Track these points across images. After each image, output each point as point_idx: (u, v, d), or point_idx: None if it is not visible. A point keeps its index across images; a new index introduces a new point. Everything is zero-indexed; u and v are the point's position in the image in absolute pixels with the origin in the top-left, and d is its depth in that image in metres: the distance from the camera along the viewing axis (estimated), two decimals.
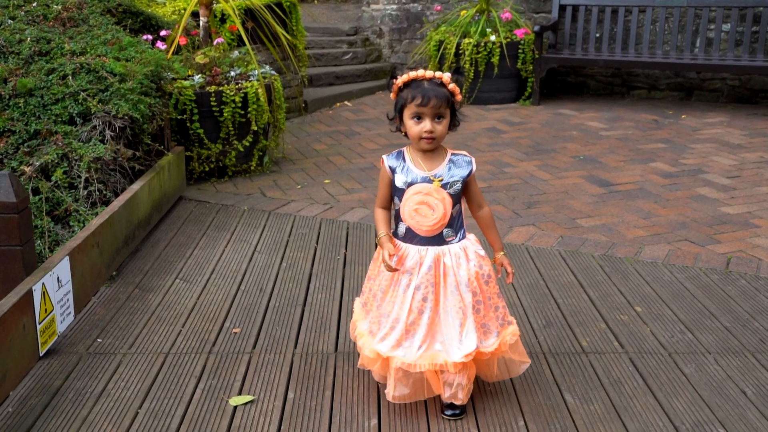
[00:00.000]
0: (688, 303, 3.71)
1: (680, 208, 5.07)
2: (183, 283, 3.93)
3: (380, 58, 9.77)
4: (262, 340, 3.35)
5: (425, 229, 2.74)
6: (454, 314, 2.72)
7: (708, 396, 2.93)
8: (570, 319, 3.55)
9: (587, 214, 4.98)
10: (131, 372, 3.08)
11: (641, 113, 7.83)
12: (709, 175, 5.78)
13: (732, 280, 3.97)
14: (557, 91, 8.92)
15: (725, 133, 7.01)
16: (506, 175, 5.83)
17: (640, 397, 2.92)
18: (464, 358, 2.68)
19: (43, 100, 4.43)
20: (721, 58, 7.87)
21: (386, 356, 2.74)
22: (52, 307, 3.13)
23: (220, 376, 3.05)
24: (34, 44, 4.82)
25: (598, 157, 6.25)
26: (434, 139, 2.70)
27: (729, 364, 3.16)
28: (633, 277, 4.00)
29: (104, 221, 3.78)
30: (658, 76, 8.54)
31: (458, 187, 2.75)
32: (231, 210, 5.05)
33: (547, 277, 4.02)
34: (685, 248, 4.39)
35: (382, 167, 2.80)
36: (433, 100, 2.65)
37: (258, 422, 2.75)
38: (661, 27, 8.22)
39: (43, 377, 3.02)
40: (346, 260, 4.24)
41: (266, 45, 6.80)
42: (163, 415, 2.79)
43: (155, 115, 4.77)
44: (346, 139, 6.96)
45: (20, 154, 4.21)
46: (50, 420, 2.75)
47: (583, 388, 2.98)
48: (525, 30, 8.15)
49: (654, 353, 3.25)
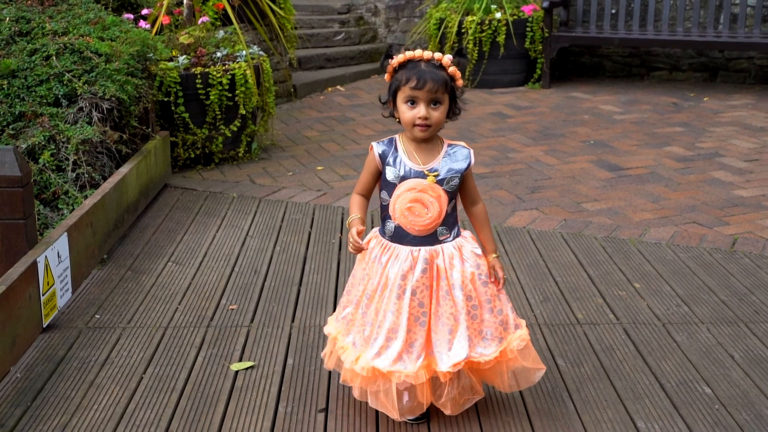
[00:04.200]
0: (688, 280, 4.33)
1: (692, 192, 5.69)
2: (175, 265, 4.55)
3: (375, 39, 10.40)
4: (259, 315, 3.97)
5: (419, 228, 2.89)
6: (444, 320, 2.89)
7: (696, 359, 3.54)
8: (567, 295, 4.16)
9: (593, 198, 5.60)
10: (132, 343, 3.69)
11: (661, 96, 8.47)
12: (725, 158, 6.41)
13: (736, 259, 4.59)
14: (570, 73, 9.56)
15: (749, 115, 7.64)
16: (510, 160, 6.46)
17: (630, 360, 3.54)
18: (452, 368, 2.84)
19: (26, 82, 5.04)
20: (747, 35, 8.52)
21: (387, 371, 2.87)
22: (53, 281, 3.74)
23: (220, 346, 3.67)
24: (14, 24, 5.44)
25: (609, 142, 6.88)
26: (429, 127, 2.82)
27: (721, 332, 3.77)
28: (635, 257, 4.62)
29: (97, 202, 4.39)
30: (679, 56, 9.19)
31: (455, 183, 2.90)
32: (220, 197, 5.66)
33: (547, 257, 4.63)
34: (691, 230, 5.01)
35: (370, 153, 2.95)
36: (430, 83, 2.77)
37: (260, 384, 3.36)
38: (681, 2, 8.87)
39: (47, 348, 3.63)
40: (341, 244, 4.85)
41: (253, 24, 7.42)
42: (167, 379, 3.40)
43: (141, 97, 5.38)
44: (339, 125, 7.59)
45: (5, 136, 4.83)
46: (58, 384, 3.36)
47: (575, 354, 3.59)
48: (533, 6, 8.79)
49: (648, 324, 3.86)
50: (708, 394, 3.28)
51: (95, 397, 3.26)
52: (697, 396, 3.27)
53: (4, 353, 3.32)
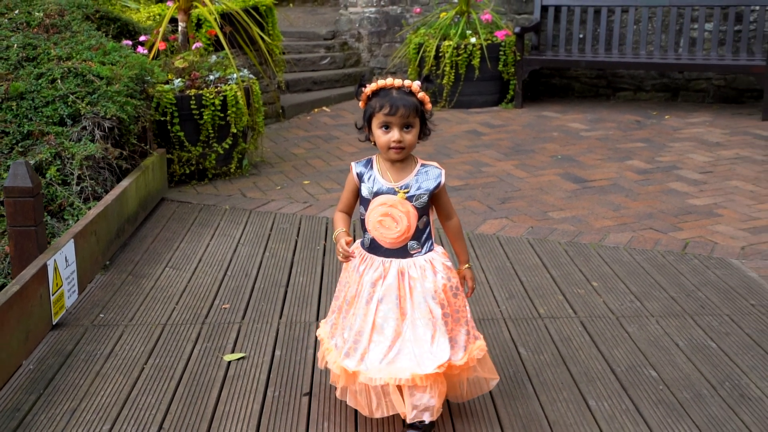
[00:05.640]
0: (642, 279, 4.59)
1: (649, 201, 5.96)
2: (173, 270, 4.78)
3: (359, 63, 10.68)
4: (249, 313, 4.20)
5: (389, 242, 3.01)
6: (423, 326, 2.97)
7: (645, 347, 3.79)
8: (531, 293, 4.41)
9: (559, 207, 5.86)
10: (134, 339, 3.91)
11: (625, 114, 8.76)
12: (682, 171, 6.69)
13: (686, 260, 4.85)
14: (542, 93, 9.85)
15: (706, 132, 7.94)
16: (483, 174, 6.72)
17: (585, 349, 3.79)
18: (437, 368, 2.91)
19: (34, 103, 5.28)
20: (704, 58, 8.84)
21: (352, 372, 3.00)
22: (61, 283, 3.97)
23: (214, 340, 3.90)
24: (21, 50, 5.68)
25: (575, 156, 7.16)
26: (403, 149, 2.96)
27: (668, 324, 4.03)
28: (594, 259, 4.88)
29: (100, 212, 4.63)
30: (643, 77, 9.50)
31: (424, 200, 3.01)
32: (213, 209, 5.90)
33: (514, 260, 4.88)
34: (647, 235, 5.27)
35: (350, 173, 3.12)
36: (402, 110, 2.91)
37: (250, 373, 3.59)
38: (644, 27, 9.19)
39: (56, 343, 3.85)
40: (325, 250, 5.09)
41: (244, 49, 7.68)
42: (167, 369, 3.63)
43: (140, 117, 5.63)
44: (324, 143, 7.85)
45: (15, 153, 5.06)
46: (68, 373, 3.58)
47: (536, 344, 3.84)
48: (506, 32, 9.09)
49: (603, 317, 4.12)
50: (653, 377, 3.53)
51: (101, 385, 3.49)
52: (643, 378, 3.52)
53: (19, 346, 3.55)
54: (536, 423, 3.20)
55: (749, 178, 6.43)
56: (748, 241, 5.13)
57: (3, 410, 3.30)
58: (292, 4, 13.74)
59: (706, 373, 3.57)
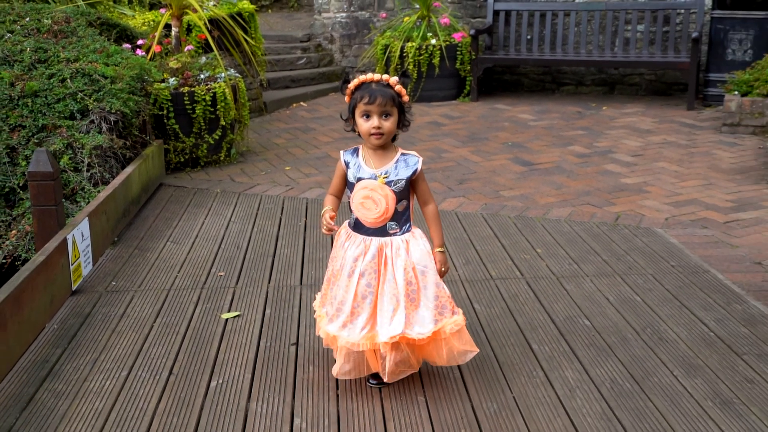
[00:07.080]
0: (579, 246, 4.88)
1: (587, 181, 6.25)
2: (173, 245, 4.99)
3: (332, 63, 10.88)
4: (242, 279, 4.44)
5: (370, 221, 3.10)
6: (387, 301, 3.08)
7: (580, 301, 4.08)
8: (484, 259, 4.68)
9: (509, 187, 6.14)
10: (143, 302, 4.14)
11: (568, 106, 9.06)
12: (616, 154, 6.99)
13: (618, 230, 5.15)
14: (495, 89, 10.13)
15: (638, 120, 8.25)
16: (443, 159, 6.98)
17: (530, 304, 4.06)
18: (389, 339, 3.04)
19: (47, 100, 5.46)
20: (637, 56, 9.15)
21: (333, 335, 3.14)
22: (79, 254, 4.18)
23: (212, 302, 4.13)
24: (33, 53, 5.85)
25: (524, 143, 7.44)
26: (382, 135, 3.04)
27: (601, 282, 4.32)
28: (539, 230, 5.16)
29: (108, 194, 4.83)
30: (583, 73, 9.79)
31: (402, 185, 3.08)
32: (206, 192, 6.11)
33: (470, 232, 5.15)
34: (585, 209, 5.56)
35: (339, 161, 3.20)
36: (379, 99, 3.00)
37: (245, 328, 3.83)
38: (584, 29, 9.48)
39: (75, 307, 4.07)
40: (306, 226, 5.33)
41: (230, 51, 7.87)
42: (173, 325, 3.86)
43: (140, 111, 5.82)
44: (302, 134, 8.06)
45: (31, 144, 5.24)
46: (88, 331, 3.80)
47: (488, 300, 4.11)
48: (462, 34, 9.34)
49: (545, 278, 4.40)
50: (587, 325, 3.82)
51: (117, 340, 3.71)
52: (578, 326, 3.81)
53: (45, 308, 3.76)
54: (488, 364, 3.47)
55: (674, 160, 6.75)
56: (671, 213, 5.44)
57: (35, 361, 3.52)
58: (271, 10, 13.90)
59: (631, 321, 3.86)
